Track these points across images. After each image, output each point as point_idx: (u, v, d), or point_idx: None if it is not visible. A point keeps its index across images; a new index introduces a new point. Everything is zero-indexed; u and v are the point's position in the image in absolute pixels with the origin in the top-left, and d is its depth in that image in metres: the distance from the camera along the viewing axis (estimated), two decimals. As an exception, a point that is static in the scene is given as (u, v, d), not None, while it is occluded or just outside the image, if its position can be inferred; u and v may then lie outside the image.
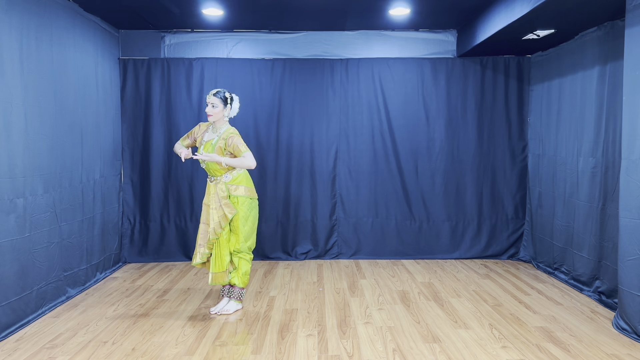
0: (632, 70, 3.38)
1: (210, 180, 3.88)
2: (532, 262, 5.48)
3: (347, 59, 5.61)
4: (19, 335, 3.46)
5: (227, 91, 3.88)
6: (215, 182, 3.85)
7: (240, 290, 3.95)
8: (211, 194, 3.85)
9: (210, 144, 3.82)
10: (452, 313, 3.90)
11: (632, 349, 3.21)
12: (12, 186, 3.49)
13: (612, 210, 4.03)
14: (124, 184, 5.58)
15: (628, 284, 3.38)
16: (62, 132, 4.20)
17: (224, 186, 3.81)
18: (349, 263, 5.56)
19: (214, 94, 3.82)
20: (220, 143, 3.78)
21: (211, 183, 3.87)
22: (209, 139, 3.87)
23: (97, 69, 4.89)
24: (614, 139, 4.03)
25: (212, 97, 3.81)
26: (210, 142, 3.84)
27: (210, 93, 3.82)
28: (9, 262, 3.45)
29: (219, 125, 3.87)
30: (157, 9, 4.74)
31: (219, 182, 3.83)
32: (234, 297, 3.94)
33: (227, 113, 3.87)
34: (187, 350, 3.19)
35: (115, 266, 5.30)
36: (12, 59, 3.51)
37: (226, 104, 3.85)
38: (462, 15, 5.01)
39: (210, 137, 3.88)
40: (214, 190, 3.84)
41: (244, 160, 3.73)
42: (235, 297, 3.94)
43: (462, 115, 5.64)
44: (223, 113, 3.85)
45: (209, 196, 3.87)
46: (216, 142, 3.80)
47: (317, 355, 3.13)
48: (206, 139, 3.89)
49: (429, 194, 5.69)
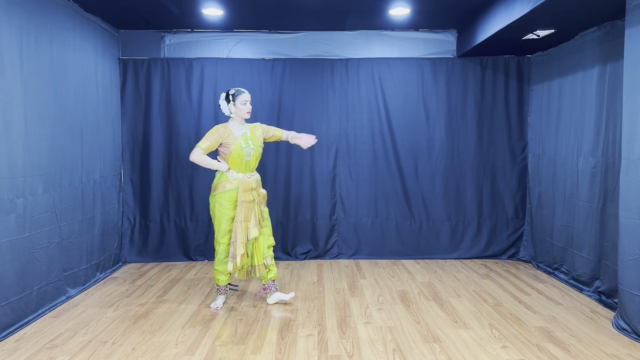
0: (632, 70, 3.38)
1: (247, 177, 3.94)
2: (532, 262, 5.48)
3: (347, 59, 5.61)
4: (19, 335, 3.46)
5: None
6: (252, 177, 3.98)
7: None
8: (252, 189, 3.95)
9: (248, 137, 3.97)
10: (452, 313, 3.90)
11: (632, 349, 3.21)
12: (12, 186, 3.49)
13: (612, 210, 4.03)
14: (124, 184, 5.58)
15: (628, 284, 3.38)
16: (62, 132, 4.20)
17: (259, 178, 4.07)
18: (349, 263, 5.56)
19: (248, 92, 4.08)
20: (258, 133, 4.04)
21: (249, 179, 3.94)
22: (242, 133, 3.97)
23: (97, 69, 4.89)
24: (614, 139, 4.03)
25: (250, 95, 4.08)
26: (246, 134, 3.97)
27: (246, 91, 4.01)
28: (9, 262, 3.45)
29: (240, 121, 4.03)
30: (157, 9, 4.74)
31: (254, 175, 4.01)
32: (276, 289, 4.15)
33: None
34: (187, 350, 3.19)
35: (115, 266, 5.30)
36: (12, 59, 3.51)
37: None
38: (462, 15, 5.01)
39: (241, 131, 3.98)
40: (254, 185, 3.97)
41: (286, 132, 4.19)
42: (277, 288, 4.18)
43: (462, 115, 5.64)
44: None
45: (249, 192, 3.93)
46: (252, 135, 4.01)
47: (317, 355, 3.13)
48: (238, 134, 3.96)
49: (429, 194, 5.69)
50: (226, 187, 3.90)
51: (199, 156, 3.88)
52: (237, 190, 3.89)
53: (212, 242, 5.64)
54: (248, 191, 3.91)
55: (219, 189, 3.92)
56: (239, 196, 3.88)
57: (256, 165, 4.04)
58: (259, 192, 4.03)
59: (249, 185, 3.93)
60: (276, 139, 4.18)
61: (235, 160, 3.91)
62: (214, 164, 3.90)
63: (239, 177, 3.92)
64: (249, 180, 3.94)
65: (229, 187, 3.89)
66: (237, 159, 3.91)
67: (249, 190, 3.92)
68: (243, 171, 3.94)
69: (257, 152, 3.99)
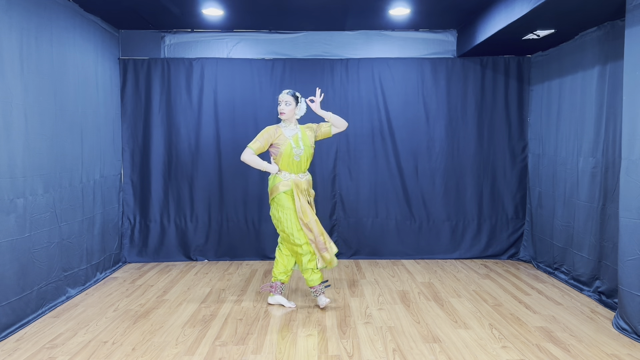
0: (632, 70, 3.38)
1: (299, 178, 3.94)
2: (532, 262, 5.48)
3: (347, 59, 5.61)
4: (19, 335, 3.46)
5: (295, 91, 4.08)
6: (304, 178, 3.97)
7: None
8: (304, 189, 3.94)
9: (299, 138, 3.94)
10: (452, 313, 3.90)
11: (632, 349, 3.21)
12: (12, 186, 3.49)
13: (612, 210, 4.03)
14: (124, 184, 5.58)
15: (628, 284, 3.38)
16: (62, 132, 4.20)
17: (310, 179, 4.05)
18: (349, 263, 5.56)
19: (287, 93, 3.98)
20: (309, 134, 3.99)
21: (301, 180, 3.94)
22: (293, 133, 3.96)
23: (97, 69, 4.89)
24: (614, 139, 4.03)
25: (286, 96, 3.96)
26: (297, 135, 3.95)
27: (283, 92, 3.98)
28: (9, 262, 3.45)
29: (292, 122, 4.00)
30: (157, 9, 4.74)
31: (306, 175, 4.01)
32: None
33: (297, 111, 4.01)
34: (187, 350, 3.19)
35: (115, 266, 5.30)
36: (12, 59, 3.51)
37: (297, 102, 3.99)
38: (462, 16, 5.01)
39: (292, 132, 3.96)
40: (305, 185, 3.96)
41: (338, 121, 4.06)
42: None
43: (462, 115, 5.64)
44: (294, 111, 3.98)
45: (303, 192, 3.92)
46: (304, 136, 3.96)
47: (317, 355, 3.13)
48: (289, 134, 3.95)
49: (429, 194, 5.69)
50: (280, 189, 3.90)
51: (249, 156, 3.88)
52: (292, 191, 3.90)
53: (212, 242, 5.64)
54: (302, 192, 3.93)
55: (274, 192, 3.93)
56: (295, 198, 3.89)
57: (307, 166, 4.00)
58: (310, 192, 4.02)
59: (301, 185, 3.93)
60: (326, 134, 4.08)
61: (286, 161, 3.91)
62: (264, 165, 3.89)
63: (291, 177, 3.92)
64: (301, 180, 3.94)
65: (283, 189, 3.89)
66: (287, 159, 3.91)
67: (302, 191, 3.93)
68: (295, 172, 3.94)
69: (307, 153, 3.96)
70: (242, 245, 5.67)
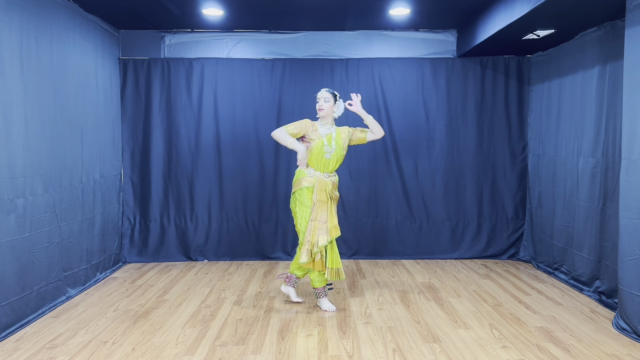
0: (632, 70, 3.38)
1: (325, 177, 3.92)
2: (532, 262, 5.48)
3: (347, 59, 5.61)
4: (19, 335, 3.46)
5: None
6: (329, 178, 3.94)
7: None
8: (328, 190, 3.91)
9: (332, 138, 3.92)
10: (452, 313, 3.90)
11: (632, 349, 3.21)
12: (12, 186, 3.49)
13: (612, 210, 4.03)
14: (124, 184, 5.58)
15: (628, 284, 3.38)
16: (62, 132, 4.20)
17: (336, 181, 4.02)
18: (349, 263, 5.56)
19: (326, 90, 3.97)
20: (343, 136, 3.97)
21: (326, 179, 3.92)
22: (327, 132, 3.95)
23: (97, 69, 4.89)
24: (614, 139, 4.03)
25: (325, 92, 3.97)
26: (331, 135, 3.94)
27: (322, 90, 3.98)
28: (9, 262, 3.45)
29: (328, 121, 3.98)
30: (157, 9, 4.74)
31: (332, 176, 3.98)
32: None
33: (335, 109, 4.00)
34: (187, 350, 3.19)
35: (115, 266, 5.30)
36: (12, 59, 3.51)
37: (336, 100, 3.99)
38: (462, 16, 5.01)
39: (327, 131, 3.95)
40: (330, 186, 3.92)
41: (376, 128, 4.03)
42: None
43: (462, 115, 5.64)
44: (333, 109, 3.97)
45: (324, 192, 3.89)
46: (337, 136, 3.94)
47: (317, 355, 3.13)
48: (324, 132, 3.94)
49: (429, 194, 5.69)
50: (302, 184, 3.89)
51: (280, 132, 3.89)
52: (313, 188, 3.88)
53: (212, 242, 5.64)
54: (323, 191, 3.89)
55: (297, 186, 3.93)
56: (313, 195, 3.87)
57: (336, 167, 3.98)
58: (334, 194, 3.99)
59: (325, 185, 3.90)
60: (361, 140, 4.07)
61: (315, 157, 3.90)
62: (293, 143, 3.87)
63: (316, 175, 3.91)
64: (326, 180, 3.92)
65: (305, 184, 3.88)
66: (317, 155, 3.89)
67: (323, 190, 3.89)
68: (322, 170, 3.93)
69: (338, 154, 3.94)
70: (242, 245, 5.67)
